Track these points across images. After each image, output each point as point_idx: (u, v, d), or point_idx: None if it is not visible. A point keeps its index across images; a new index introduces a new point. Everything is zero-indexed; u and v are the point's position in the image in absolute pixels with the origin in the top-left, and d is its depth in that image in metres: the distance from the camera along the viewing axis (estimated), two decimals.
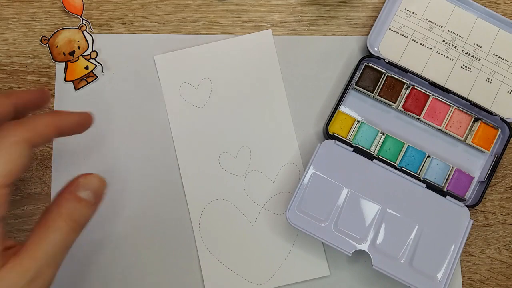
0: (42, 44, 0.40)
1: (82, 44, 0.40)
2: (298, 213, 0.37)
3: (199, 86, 0.40)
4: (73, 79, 0.40)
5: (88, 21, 0.41)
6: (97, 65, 0.40)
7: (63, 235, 0.25)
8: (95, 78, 0.40)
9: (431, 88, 0.40)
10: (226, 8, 0.42)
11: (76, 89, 0.40)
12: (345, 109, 0.40)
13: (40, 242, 0.24)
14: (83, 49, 0.40)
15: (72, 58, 0.40)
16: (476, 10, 0.41)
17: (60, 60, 0.40)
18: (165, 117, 0.40)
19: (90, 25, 0.40)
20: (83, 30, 0.40)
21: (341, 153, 0.38)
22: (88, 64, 0.40)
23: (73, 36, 0.40)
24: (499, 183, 0.41)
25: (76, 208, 0.26)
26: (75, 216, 0.25)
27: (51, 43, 0.40)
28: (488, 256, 0.40)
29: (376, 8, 0.43)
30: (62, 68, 0.40)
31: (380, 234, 0.37)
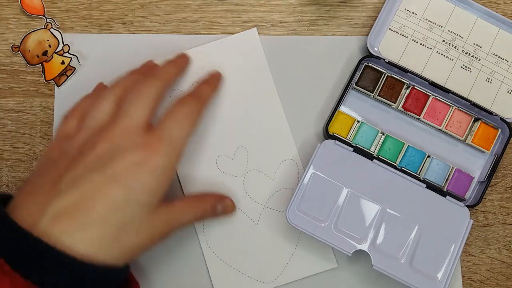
0: (14, 53, 0.40)
1: (52, 42, 0.40)
2: (298, 213, 0.37)
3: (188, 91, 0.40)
4: (53, 77, 0.40)
5: (52, 19, 0.41)
6: (72, 57, 0.40)
7: (193, 217, 0.34)
8: (73, 70, 0.40)
9: (431, 88, 0.40)
10: (226, 8, 0.42)
11: (59, 85, 0.40)
12: (345, 109, 0.40)
13: (184, 212, 0.33)
14: (54, 46, 0.40)
15: (46, 58, 0.40)
16: (476, 10, 0.41)
17: (36, 63, 0.40)
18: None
19: (55, 22, 0.41)
20: (49, 28, 0.40)
21: (341, 153, 0.38)
22: (63, 59, 0.40)
23: (42, 36, 0.40)
24: (499, 183, 0.41)
25: (208, 211, 0.36)
26: (204, 215, 0.35)
27: (22, 50, 0.40)
28: (488, 256, 0.40)
29: (376, 8, 0.43)
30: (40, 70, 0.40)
31: (380, 234, 0.37)
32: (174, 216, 0.32)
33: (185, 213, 0.33)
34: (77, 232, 0.27)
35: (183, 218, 0.33)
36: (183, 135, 0.32)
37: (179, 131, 0.31)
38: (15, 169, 0.40)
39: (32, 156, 0.40)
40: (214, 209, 0.36)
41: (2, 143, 0.40)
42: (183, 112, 0.32)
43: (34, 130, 0.40)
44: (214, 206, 0.36)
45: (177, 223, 0.32)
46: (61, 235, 0.26)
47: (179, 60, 0.38)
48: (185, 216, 0.33)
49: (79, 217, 0.27)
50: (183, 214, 0.33)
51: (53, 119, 0.40)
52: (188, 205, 0.34)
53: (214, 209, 0.36)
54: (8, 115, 0.40)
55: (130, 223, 0.28)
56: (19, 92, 0.40)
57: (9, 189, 0.39)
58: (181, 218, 0.33)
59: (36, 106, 0.40)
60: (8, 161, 0.40)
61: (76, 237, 0.27)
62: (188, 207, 0.34)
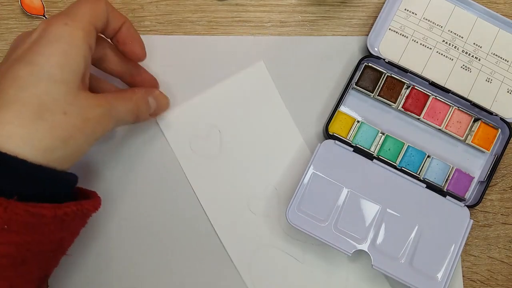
0: None
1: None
2: (298, 213, 0.37)
3: (207, 136, 0.39)
4: None
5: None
6: None
7: (126, 110, 0.33)
8: None
9: (431, 88, 0.40)
10: (226, 8, 0.42)
11: None
12: (345, 109, 0.40)
13: (115, 102, 0.31)
14: None
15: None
16: (476, 10, 0.41)
17: None
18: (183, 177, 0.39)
19: None
20: None
21: (341, 153, 0.38)
22: None
23: None
24: (499, 183, 0.41)
25: (141, 105, 0.34)
26: (138, 109, 0.34)
27: None
28: (488, 256, 0.40)
29: (376, 8, 0.43)
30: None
31: (380, 234, 0.37)
32: (107, 102, 0.31)
33: (118, 102, 0.32)
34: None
35: (117, 107, 0.32)
36: (80, 7, 0.30)
37: (77, 7, 0.30)
38: None
39: None
40: (147, 102, 0.35)
41: None
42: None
43: None
44: (146, 99, 0.35)
45: (113, 111, 0.31)
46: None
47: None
48: (118, 105, 0.32)
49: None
50: (116, 102, 0.32)
51: None
52: (119, 95, 0.33)
53: (147, 103, 0.35)
54: None
55: (52, 101, 0.27)
56: None
57: None
58: (114, 106, 0.31)
59: None
60: None
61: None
62: (119, 96, 0.32)
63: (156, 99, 0.37)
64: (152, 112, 0.37)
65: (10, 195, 0.25)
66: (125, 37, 0.34)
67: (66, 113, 0.28)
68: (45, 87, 0.27)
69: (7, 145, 0.26)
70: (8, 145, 0.26)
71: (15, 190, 0.26)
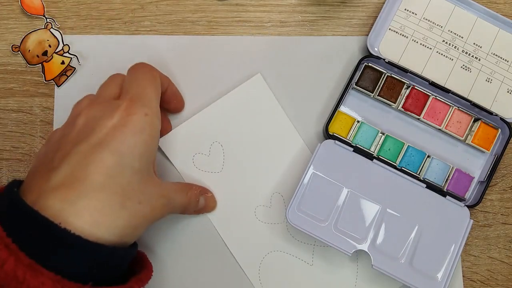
0: (14, 53, 0.40)
1: (52, 42, 0.40)
2: (298, 213, 0.37)
3: (210, 153, 0.40)
4: (53, 77, 0.40)
5: (52, 19, 0.41)
6: (72, 57, 0.40)
7: (179, 204, 0.35)
8: (73, 70, 0.40)
9: (431, 88, 0.40)
10: (226, 8, 0.42)
11: (59, 85, 0.40)
12: (345, 109, 0.40)
13: (173, 194, 0.33)
14: (54, 46, 0.40)
15: (46, 58, 0.40)
16: (476, 10, 0.41)
17: (36, 63, 0.40)
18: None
19: (55, 22, 0.41)
20: (49, 28, 0.40)
21: (341, 153, 0.38)
22: (63, 59, 0.40)
23: (42, 36, 0.40)
24: (499, 183, 0.41)
25: (192, 202, 0.36)
26: (189, 205, 0.36)
27: (22, 49, 0.40)
28: (488, 256, 0.40)
29: (376, 8, 0.43)
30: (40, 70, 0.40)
31: (380, 234, 0.37)
32: (168, 194, 0.33)
33: (176, 194, 0.34)
34: (79, 201, 0.26)
35: (174, 197, 0.34)
36: (150, 92, 0.32)
37: (144, 90, 0.32)
38: (15, 169, 0.40)
39: (32, 156, 0.40)
40: (197, 200, 0.37)
41: (2, 143, 0.40)
42: (139, 73, 0.33)
43: (34, 130, 0.40)
44: (197, 197, 0.37)
45: (170, 203, 0.33)
46: (62, 204, 0.26)
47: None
48: (175, 198, 0.34)
49: (78, 187, 0.27)
50: (174, 194, 0.33)
51: (53, 119, 0.40)
52: (177, 188, 0.34)
53: (197, 200, 0.37)
54: (8, 115, 0.40)
55: (131, 190, 0.29)
56: (19, 92, 0.40)
57: None
58: (172, 198, 0.33)
59: (36, 106, 0.40)
60: (8, 161, 0.40)
61: (79, 205, 0.26)
62: (178, 190, 0.34)
63: (206, 199, 0.38)
64: (198, 210, 0.38)
65: (85, 281, 0.26)
66: (170, 97, 0.37)
67: (140, 202, 0.29)
68: (127, 176, 0.28)
69: (95, 233, 0.26)
70: (96, 233, 0.26)
71: (92, 276, 0.26)
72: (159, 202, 0.31)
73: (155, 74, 0.34)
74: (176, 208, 0.35)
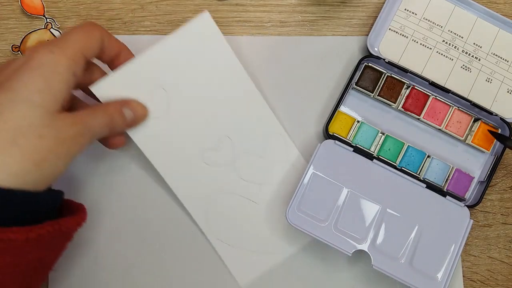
0: (14, 53, 0.40)
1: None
2: (298, 213, 0.37)
3: (153, 98, 0.37)
4: None
5: (52, 19, 0.41)
6: None
7: (101, 124, 0.32)
8: None
9: (431, 88, 0.40)
10: (226, 8, 0.42)
11: None
12: (345, 109, 0.40)
13: (89, 117, 0.31)
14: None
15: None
16: (476, 10, 0.41)
17: None
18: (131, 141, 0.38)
19: (55, 22, 0.41)
20: (49, 28, 0.40)
21: (341, 153, 0.38)
22: None
23: (42, 36, 0.40)
24: (499, 183, 0.41)
25: (115, 117, 0.33)
26: (113, 121, 0.33)
27: (22, 49, 0.40)
28: (488, 256, 0.40)
29: (376, 8, 0.43)
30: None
31: (380, 234, 0.37)
32: (81, 120, 0.31)
33: (92, 117, 0.32)
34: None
35: (92, 122, 0.31)
36: (71, 37, 0.31)
37: (67, 36, 0.31)
38: None
39: None
40: (121, 114, 0.34)
41: None
42: (77, 26, 0.32)
43: None
44: (120, 110, 0.34)
45: (86, 128, 0.31)
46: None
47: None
48: (93, 120, 0.32)
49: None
50: (90, 118, 0.31)
51: None
52: (93, 110, 0.32)
53: (122, 114, 0.34)
54: None
55: (27, 125, 0.28)
56: None
57: None
58: (89, 122, 0.31)
59: None
60: None
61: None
62: (93, 111, 0.32)
63: (132, 110, 0.35)
64: (129, 122, 0.35)
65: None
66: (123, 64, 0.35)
67: (41, 136, 0.28)
68: (21, 111, 0.28)
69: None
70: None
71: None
72: (71, 131, 0.30)
73: (93, 28, 0.32)
74: (99, 131, 0.32)
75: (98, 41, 0.32)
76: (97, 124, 0.32)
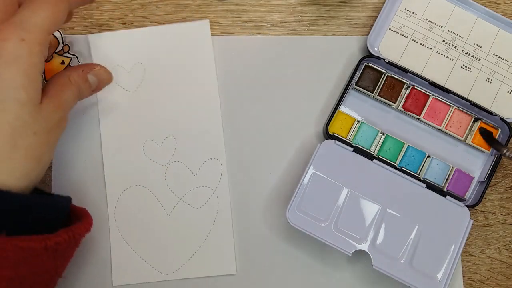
0: None
1: (52, 42, 0.40)
2: (298, 213, 0.37)
3: (131, 70, 0.40)
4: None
5: None
6: (72, 57, 0.40)
7: (71, 98, 0.32)
8: None
9: (431, 88, 0.40)
10: (226, 8, 0.42)
11: None
12: (345, 109, 0.40)
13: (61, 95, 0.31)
14: (54, 46, 0.40)
15: (46, 58, 0.40)
16: (476, 10, 0.41)
17: None
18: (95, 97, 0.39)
19: None
20: None
21: (341, 153, 0.38)
22: (63, 59, 0.40)
23: None
24: (499, 183, 0.41)
25: (82, 86, 0.33)
26: (80, 91, 0.33)
27: None
28: (488, 256, 0.40)
29: (376, 8, 0.43)
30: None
31: (380, 234, 0.37)
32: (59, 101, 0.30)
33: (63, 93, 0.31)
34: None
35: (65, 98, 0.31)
36: (40, 19, 0.28)
37: (34, 16, 0.28)
38: None
39: None
40: (87, 81, 0.34)
41: None
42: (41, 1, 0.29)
43: None
44: (85, 77, 0.33)
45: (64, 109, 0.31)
46: None
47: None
48: (65, 97, 0.31)
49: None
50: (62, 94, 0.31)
51: None
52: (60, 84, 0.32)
53: (87, 81, 0.34)
54: None
55: (22, 124, 0.27)
56: None
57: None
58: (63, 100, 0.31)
59: None
60: None
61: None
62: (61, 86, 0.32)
63: (96, 75, 0.35)
64: (94, 88, 0.35)
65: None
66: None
67: (35, 133, 0.28)
68: (13, 112, 0.27)
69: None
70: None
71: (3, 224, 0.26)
72: (56, 117, 0.30)
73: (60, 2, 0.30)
74: (71, 105, 0.32)
75: (65, 15, 0.30)
76: (69, 99, 0.32)
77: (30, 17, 0.28)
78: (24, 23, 0.28)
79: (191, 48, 0.40)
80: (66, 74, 0.32)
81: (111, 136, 0.39)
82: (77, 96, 0.33)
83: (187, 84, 0.40)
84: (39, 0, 0.29)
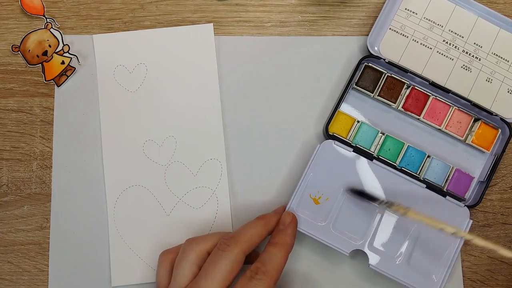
0: (14, 53, 0.40)
1: (52, 42, 0.40)
2: (297, 213, 0.37)
3: (134, 70, 0.40)
4: (53, 77, 0.40)
5: (52, 19, 0.41)
6: (72, 57, 0.40)
7: (278, 259, 0.33)
8: (73, 70, 0.40)
9: (431, 88, 0.40)
10: (226, 8, 0.42)
11: (58, 85, 0.40)
12: (345, 109, 0.40)
13: (266, 263, 0.32)
14: (54, 46, 0.40)
15: (46, 58, 0.40)
16: (476, 9, 0.41)
17: (36, 63, 0.40)
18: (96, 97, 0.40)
19: (55, 22, 0.41)
20: (49, 28, 0.40)
21: (341, 153, 0.38)
22: (63, 59, 0.40)
23: (42, 36, 0.40)
24: (499, 183, 0.41)
25: (282, 237, 0.34)
26: (284, 243, 0.34)
27: (22, 49, 0.40)
28: (488, 256, 0.40)
29: (376, 8, 0.42)
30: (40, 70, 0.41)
31: (378, 234, 0.37)
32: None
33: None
34: None
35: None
36: (251, 232, 0.33)
37: (247, 232, 0.33)
38: (15, 169, 0.40)
39: (32, 156, 0.40)
40: (294, 237, 0.35)
41: (2, 143, 0.40)
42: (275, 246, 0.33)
43: (34, 130, 0.40)
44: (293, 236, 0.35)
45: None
46: None
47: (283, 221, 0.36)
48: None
49: None
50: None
51: (53, 119, 0.40)
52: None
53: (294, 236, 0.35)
54: (8, 115, 0.40)
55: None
56: (19, 92, 0.40)
57: (9, 189, 0.39)
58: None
59: (36, 106, 0.40)
60: (8, 161, 0.40)
61: None
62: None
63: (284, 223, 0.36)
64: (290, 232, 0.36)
65: None
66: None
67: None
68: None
69: None
70: None
71: None
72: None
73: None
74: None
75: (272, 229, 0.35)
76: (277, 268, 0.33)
77: (243, 235, 0.33)
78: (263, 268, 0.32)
79: (194, 50, 0.41)
80: (272, 238, 0.35)
81: (111, 136, 0.39)
82: (285, 250, 0.34)
83: (188, 85, 0.40)
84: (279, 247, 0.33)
